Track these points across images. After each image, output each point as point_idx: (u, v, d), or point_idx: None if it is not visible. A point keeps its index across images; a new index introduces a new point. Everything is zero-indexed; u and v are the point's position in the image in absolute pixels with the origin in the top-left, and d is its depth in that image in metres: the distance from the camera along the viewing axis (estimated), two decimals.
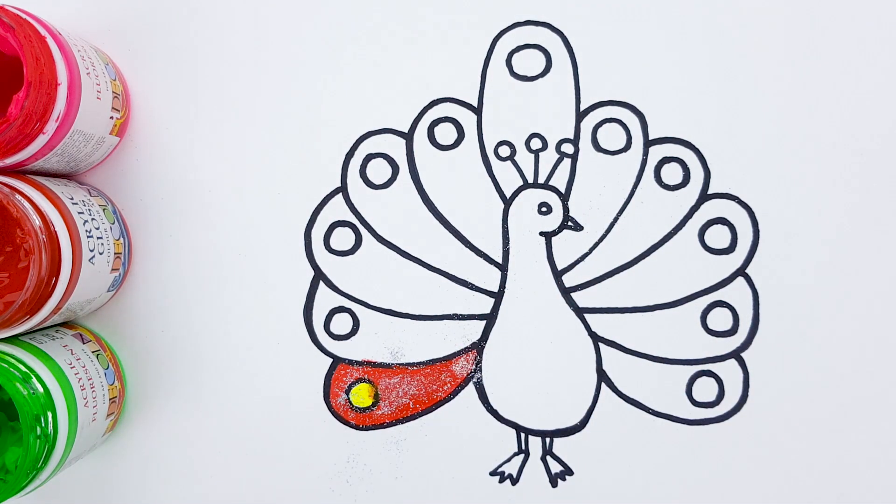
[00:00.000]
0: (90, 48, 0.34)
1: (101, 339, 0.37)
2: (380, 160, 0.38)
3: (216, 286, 0.38)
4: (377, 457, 0.38)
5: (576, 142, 0.38)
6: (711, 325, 0.38)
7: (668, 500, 0.38)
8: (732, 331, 0.38)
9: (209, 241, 0.38)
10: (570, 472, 0.38)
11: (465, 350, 0.38)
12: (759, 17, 0.37)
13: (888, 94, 0.37)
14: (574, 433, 0.38)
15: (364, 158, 0.38)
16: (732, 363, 0.38)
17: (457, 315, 0.38)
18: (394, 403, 0.38)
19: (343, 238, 0.38)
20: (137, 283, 0.38)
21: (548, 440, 0.38)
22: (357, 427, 0.38)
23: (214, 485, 0.38)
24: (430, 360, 0.38)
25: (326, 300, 0.38)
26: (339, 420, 0.38)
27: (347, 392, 0.38)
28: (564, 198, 0.38)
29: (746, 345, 0.38)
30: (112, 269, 0.35)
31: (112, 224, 0.35)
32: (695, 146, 0.38)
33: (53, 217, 0.31)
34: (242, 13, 0.38)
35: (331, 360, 0.38)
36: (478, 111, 0.38)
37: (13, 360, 0.31)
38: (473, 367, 0.38)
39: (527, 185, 0.38)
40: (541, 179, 0.38)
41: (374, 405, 0.38)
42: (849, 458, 0.38)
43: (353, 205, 0.38)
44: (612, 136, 0.38)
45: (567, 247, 0.38)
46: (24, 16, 0.30)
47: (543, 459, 0.38)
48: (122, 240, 0.36)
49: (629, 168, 0.38)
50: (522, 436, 0.38)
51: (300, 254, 0.38)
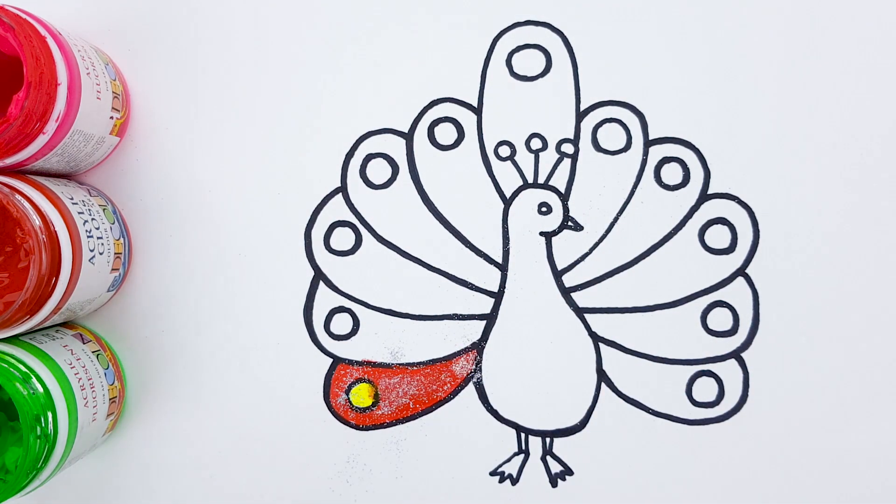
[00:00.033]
0: (90, 48, 0.34)
1: (101, 339, 0.37)
2: (380, 160, 0.38)
3: (216, 286, 0.38)
4: (377, 457, 0.38)
5: (576, 142, 0.38)
6: (711, 325, 0.38)
7: (668, 500, 0.38)
8: (732, 331, 0.38)
9: (209, 241, 0.38)
10: (570, 472, 0.38)
11: (465, 350, 0.38)
12: (759, 17, 0.37)
13: (888, 94, 0.37)
14: (574, 433, 0.38)
15: (364, 158, 0.38)
16: (732, 363, 0.38)
17: (457, 315, 0.38)
18: (394, 403, 0.38)
19: (343, 238, 0.38)
20: (137, 283, 0.38)
21: (548, 440, 0.38)
22: (357, 427, 0.38)
23: (214, 485, 0.38)
24: (430, 360, 0.38)
25: (326, 300, 0.38)
26: (339, 420, 0.38)
27: (347, 392, 0.38)
28: (564, 198, 0.38)
29: (746, 345, 0.38)
30: (112, 269, 0.35)
31: (112, 224, 0.35)
32: (695, 146, 0.38)
33: (53, 217, 0.31)
34: (242, 13, 0.38)
35: (331, 360, 0.38)
36: (478, 111, 0.38)
37: (13, 360, 0.31)
38: (473, 367, 0.38)
39: (527, 185, 0.38)
40: (541, 179, 0.38)
41: (374, 405, 0.38)
42: (849, 458, 0.38)
43: (353, 205, 0.38)
44: (612, 136, 0.38)
45: (567, 247, 0.38)
46: (24, 16, 0.30)
47: (543, 459, 0.38)
48: (122, 240, 0.36)
49: (629, 168, 0.38)
50: (522, 436, 0.38)
51: (300, 254, 0.38)
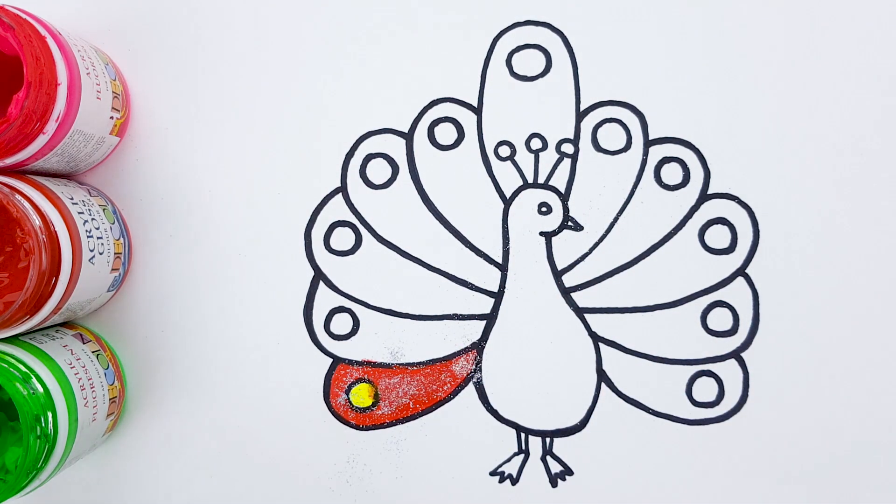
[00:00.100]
0: (90, 48, 0.34)
1: (101, 339, 0.37)
2: (380, 160, 0.38)
3: (216, 286, 0.38)
4: (377, 457, 0.38)
5: (576, 142, 0.38)
6: (711, 325, 0.38)
7: (668, 500, 0.38)
8: (732, 331, 0.38)
9: (209, 241, 0.38)
10: (570, 472, 0.38)
11: (465, 350, 0.38)
12: (759, 17, 0.37)
13: (888, 95, 0.37)
14: (574, 433, 0.38)
15: (364, 158, 0.38)
16: (732, 363, 0.38)
17: (457, 315, 0.38)
18: (394, 403, 0.38)
19: (343, 238, 0.38)
20: (137, 283, 0.38)
21: (548, 440, 0.38)
22: (357, 427, 0.38)
23: (214, 484, 0.38)
24: (430, 360, 0.38)
25: (326, 300, 0.38)
26: (339, 420, 0.38)
27: (347, 392, 0.38)
28: (564, 198, 0.38)
29: (746, 345, 0.38)
30: (112, 269, 0.35)
31: (112, 224, 0.35)
32: (695, 146, 0.38)
33: (53, 217, 0.31)
34: (242, 13, 0.38)
35: (331, 360, 0.38)
36: (478, 111, 0.38)
37: (13, 360, 0.31)
38: (473, 367, 0.38)
39: (527, 185, 0.38)
40: (541, 179, 0.38)
41: (374, 405, 0.38)
42: (849, 458, 0.38)
43: (353, 205, 0.38)
44: (612, 136, 0.38)
45: (567, 247, 0.38)
46: (24, 16, 0.30)
47: (543, 459, 0.38)
48: (122, 240, 0.36)
49: (629, 168, 0.38)
50: (522, 436, 0.38)
51: (300, 254, 0.38)
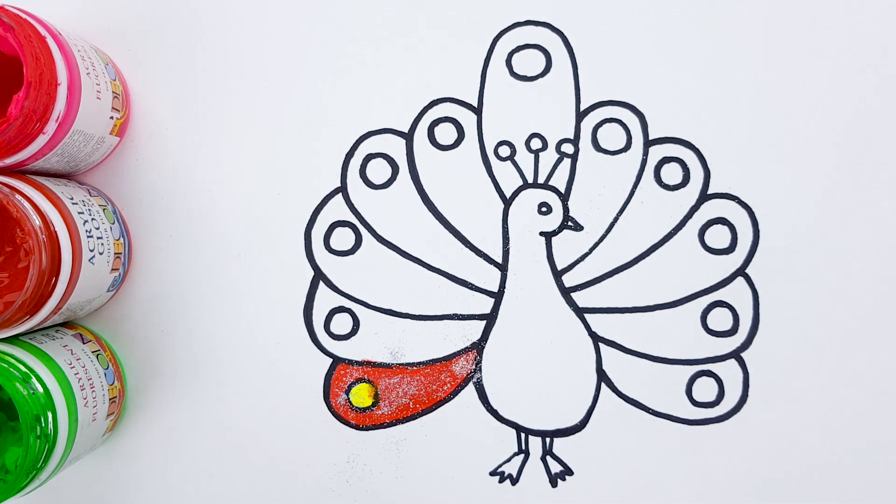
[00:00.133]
0: (90, 48, 0.34)
1: (101, 339, 0.37)
2: (380, 160, 0.38)
3: (216, 286, 0.38)
4: (377, 457, 0.38)
5: (576, 142, 0.38)
6: (711, 325, 0.38)
7: (668, 500, 0.38)
8: (732, 331, 0.38)
9: (209, 241, 0.38)
10: (570, 472, 0.38)
11: (465, 350, 0.38)
12: (759, 18, 0.37)
13: (888, 94, 0.37)
14: (574, 433, 0.38)
15: (364, 158, 0.38)
16: (732, 363, 0.38)
17: (457, 315, 0.38)
18: (394, 403, 0.38)
19: (343, 238, 0.38)
20: (137, 283, 0.38)
21: (548, 440, 0.38)
22: (357, 427, 0.38)
23: (214, 485, 0.38)
24: (430, 360, 0.38)
25: (326, 300, 0.38)
26: (339, 420, 0.38)
27: (347, 392, 0.38)
28: (564, 198, 0.38)
29: (746, 345, 0.38)
30: (112, 269, 0.35)
31: (112, 224, 0.35)
32: (695, 146, 0.38)
33: (53, 217, 0.31)
34: (242, 13, 0.38)
35: (331, 360, 0.38)
36: (478, 111, 0.38)
37: (13, 360, 0.31)
38: (473, 367, 0.38)
39: (527, 185, 0.38)
40: (541, 179, 0.38)
41: (374, 405, 0.38)
42: (849, 458, 0.38)
43: (353, 205, 0.38)
44: (612, 136, 0.38)
45: (567, 247, 0.38)
46: (24, 16, 0.30)
47: (543, 459, 0.38)
48: (122, 240, 0.36)
49: (629, 168, 0.38)
50: (522, 436, 0.38)
51: (300, 254, 0.38)
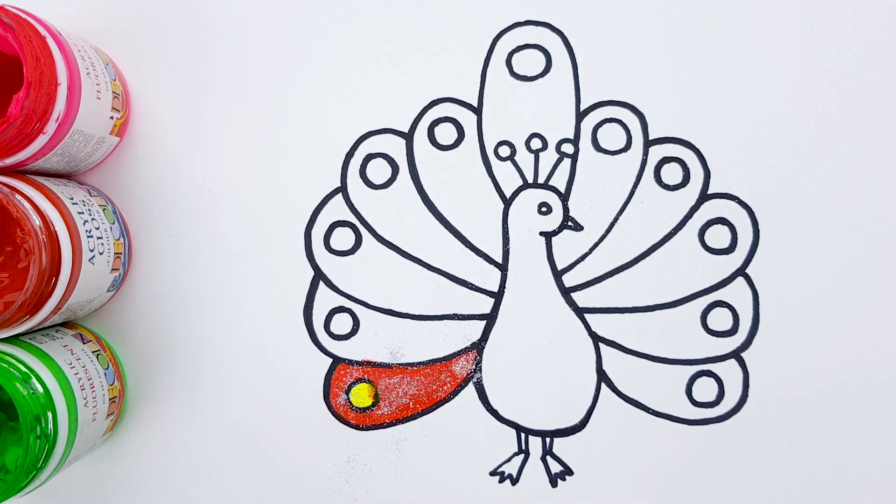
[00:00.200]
0: (90, 48, 0.34)
1: (101, 339, 0.37)
2: (380, 160, 0.38)
3: (216, 286, 0.38)
4: (377, 457, 0.38)
5: (576, 142, 0.38)
6: (711, 325, 0.38)
7: (668, 500, 0.38)
8: (732, 331, 0.38)
9: (209, 241, 0.38)
10: (570, 472, 0.38)
11: (465, 350, 0.38)
12: (760, 17, 0.37)
13: (888, 94, 0.37)
14: (574, 433, 0.38)
15: (364, 158, 0.38)
16: (732, 363, 0.38)
17: (457, 315, 0.38)
18: (394, 403, 0.38)
19: (343, 238, 0.38)
20: (137, 283, 0.38)
21: (548, 440, 0.38)
22: (357, 427, 0.38)
23: (214, 485, 0.38)
24: (430, 360, 0.38)
25: (326, 300, 0.38)
26: (339, 420, 0.38)
27: (347, 392, 0.38)
28: (564, 198, 0.38)
29: (746, 345, 0.38)
30: (112, 269, 0.35)
31: (112, 224, 0.35)
32: (695, 146, 0.38)
33: (53, 217, 0.31)
34: (243, 13, 0.38)
35: (331, 360, 0.38)
36: (478, 111, 0.38)
37: (13, 360, 0.31)
38: (473, 367, 0.38)
39: (527, 185, 0.38)
40: (541, 179, 0.38)
41: (374, 405, 0.38)
42: (849, 458, 0.38)
43: (353, 205, 0.38)
44: (612, 136, 0.38)
45: (567, 247, 0.38)
46: (24, 16, 0.30)
47: (543, 459, 0.38)
48: (122, 240, 0.36)
49: (629, 168, 0.38)
50: (522, 436, 0.38)
51: (300, 254, 0.38)
